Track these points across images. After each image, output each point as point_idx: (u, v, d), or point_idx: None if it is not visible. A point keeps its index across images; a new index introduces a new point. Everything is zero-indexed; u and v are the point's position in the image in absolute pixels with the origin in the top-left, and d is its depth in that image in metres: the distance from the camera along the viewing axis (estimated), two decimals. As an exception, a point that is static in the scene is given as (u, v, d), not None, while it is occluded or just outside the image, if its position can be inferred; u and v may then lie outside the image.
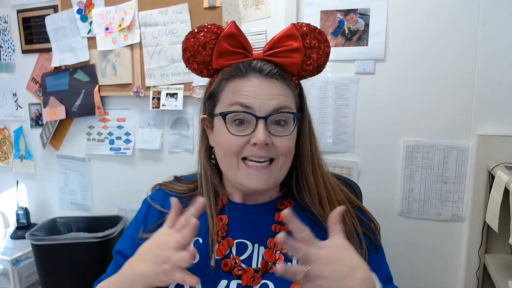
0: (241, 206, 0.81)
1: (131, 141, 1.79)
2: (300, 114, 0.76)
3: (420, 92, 1.38)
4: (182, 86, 1.64)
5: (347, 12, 1.43)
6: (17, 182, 1.97)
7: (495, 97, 1.31)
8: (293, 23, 0.75)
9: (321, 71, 0.80)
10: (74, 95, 1.82)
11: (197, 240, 0.78)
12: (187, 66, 0.79)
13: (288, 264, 0.61)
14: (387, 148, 1.44)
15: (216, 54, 0.75)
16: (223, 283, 0.73)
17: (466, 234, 1.37)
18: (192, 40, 0.76)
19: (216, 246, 0.76)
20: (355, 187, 1.11)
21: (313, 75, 0.80)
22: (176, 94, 1.64)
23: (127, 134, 1.80)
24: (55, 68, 1.86)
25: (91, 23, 1.75)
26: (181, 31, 1.60)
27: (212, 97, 0.77)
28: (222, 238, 0.77)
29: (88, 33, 1.77)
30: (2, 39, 1.97)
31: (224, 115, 0.73)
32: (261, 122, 0.71)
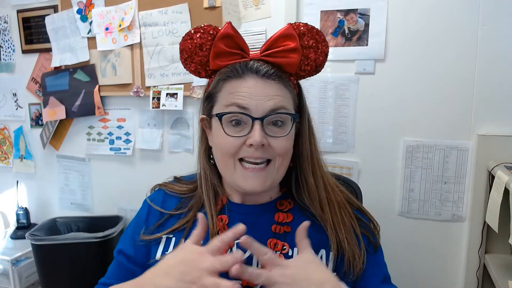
0: (240, 206, 0.81)
1: (131, 141, 1.79)
2: (297, 115, 0.76)
3: (420, 92, 1.38)
4: (182, 86, 1.64)
5: (347, 12, 1.42)
6: (17, 182, 1.97)
7: (495, 97, 1.31)
8: (290, 23, 0.74)
9: (319, 71, 0.79)
10: (74, 95, 1.82)
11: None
12: (185, 67, 0.79)
13: (246, 267, 0.61)
14: (387, 148, 1.44)
15: (212, 55, 0.74)
16: None
17: (466, 234, 1.37)
18: (188, 41, 0.76)
19: None
20: (355, 187, 1.11)
21: (312, 75, 0.79)
22: (176, 94, 1.64)
23: (127, 134, 1.80)
24: (55, 68, 1.86)
25: (91, 23, 1.75)
26: (181, 31, 1.59)
27: (209, 98, 0.77)
28: None
29: (88, 33, 1.77)
30: (2, 39, 1.98)
31: (220, 116, 0.73)
32: (257, 123, 0.70)
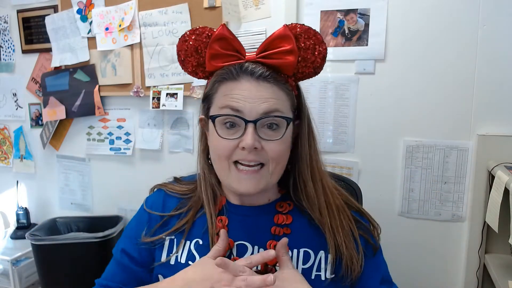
0: (239, 208, 0.80)
1: (131, 141, 1.79)
2: (291, 118, 0.74)
3: (420, 92, 1.38)
4: (182, 86, 1.64)
5: (347, 12, 1.42)
6: (17, 182, 1.97)
7: (495, 97, 1.30)
8: (285, 24, 0.73)
9: (318, 73, 0.77)
10: (74, 95, 1.82)
11: (197, 242, 0.78)
12: (182, 68, 0.79)
13: None
14: (387, 148, 1.44)
15: (208, 56, 0.74)
16: None
17: (466, 234, 1.37)
18: (184, 43, 0.76)
19: None
20: (355, 187, 1.10)
21: (311, 77, 0.78)
22: (176, 94, 1.64)
23: (127, 134, 1.80)
24: (55, 68, 1.86)
25: (91, 23, 1.75)
26: (181, 31, 1.59)
27: (206, 99, 0.77)
28: None
29: (88, 33, 1.77)
30: (2, 39, 1.97)
31: (213, 118, 0.73)
32: (250, 126, 0.69)
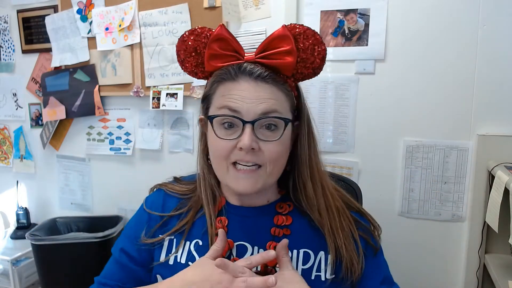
0: (239, 208, 0.80)
1: (131, 141, 1.79)
2: (289, 119, 0.73)
3: (420, 92, 1.38)
4: (182, 86, 1.64)
5: (347, 12, 1.42)
6: (17, 182, 1.97)
7: (495, 97, 1.30)
8: (284, 24, 0.73)
9: (318, 73, 0.76)
10: (74, 95, 1.82)
11: (197, 242, 0.78)
12: (182, 68, 0.79)
13: None
14: (387, 148, 1.44)
15: (207, 57, 0.74)
16: None
17: (466, 234, 1.37)
18: (183, 43, 0.76)
19: None
20: (355, 187, 1.10)
21: (310, 77, 0.77)
22: (176, 94, 1.64)
23: (127, 134, 1.80)
24: (55, 68, 1.86)
25: (91, 23, 1.75)
26: (181, 31, 1.59)
27: (206, 99, 0.77)
28: None
29: (88, 33, 1.77)
30: (2, 39, 1.97)
31: (211, 119, 0.72)
32: (247, 127, 0.69)
